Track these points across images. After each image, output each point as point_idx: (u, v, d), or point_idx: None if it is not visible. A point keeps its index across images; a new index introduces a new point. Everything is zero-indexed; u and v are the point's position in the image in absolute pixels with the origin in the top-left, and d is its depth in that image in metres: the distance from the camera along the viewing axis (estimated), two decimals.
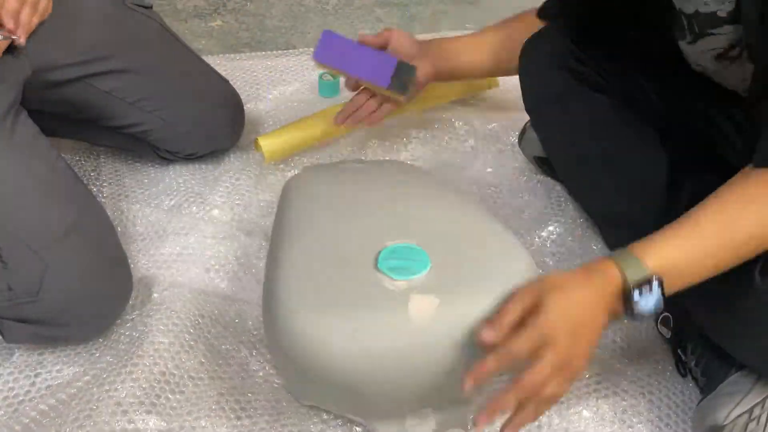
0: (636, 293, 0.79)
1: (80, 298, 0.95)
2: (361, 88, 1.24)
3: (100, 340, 1.02)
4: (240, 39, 1.86)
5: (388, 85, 1.17)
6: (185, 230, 1.18)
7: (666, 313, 1.04)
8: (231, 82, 1.35)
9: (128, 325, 1.04)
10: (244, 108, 1.36)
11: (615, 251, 0.82)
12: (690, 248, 0.81)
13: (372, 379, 0.82)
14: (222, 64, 1.60)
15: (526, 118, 1.28)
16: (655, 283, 0.79)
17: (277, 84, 1.57)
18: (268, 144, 1.29)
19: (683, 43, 0.98)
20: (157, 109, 1.22)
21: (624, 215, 1.07)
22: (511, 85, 1.30)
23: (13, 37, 1.00)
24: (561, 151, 1.13)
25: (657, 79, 1.09)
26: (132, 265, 1.08)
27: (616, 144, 1.04)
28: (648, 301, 0.79)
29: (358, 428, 0.93)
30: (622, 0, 1.03)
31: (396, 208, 0.97)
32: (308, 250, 0.90)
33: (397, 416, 0.89)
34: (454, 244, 0.90)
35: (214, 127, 1.30)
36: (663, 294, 0.79)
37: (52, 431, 0.88)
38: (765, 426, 0.89)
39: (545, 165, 1.31)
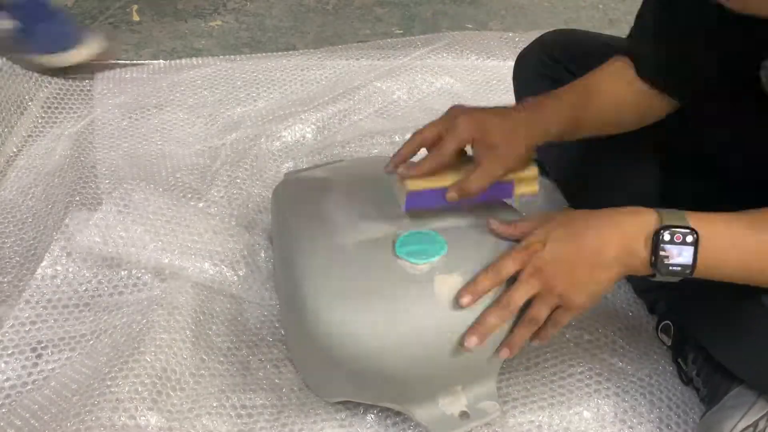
0: (667, 234, 0.72)
1: None
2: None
3: (92, 320, 1.02)
4: (240, 39, 1.86)
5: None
6: (186, 223, 1.17)
7: (667, 321, 1.04)
8: (231, 82, 1.34)
9: (125, 310, 1.03)
10: (244, 109, 1.34)
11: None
12: (738, 231, 0.74)
13: (405, 362, 0.84)
14: (222, 64, 1.60)
15: None
16: (690, 237, 0.72)
17: (278, 84, 1.57)
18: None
19: None
20: None
21: None
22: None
23: None
24: (551, 154, 1.13)
25: None
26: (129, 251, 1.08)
27: (604, 145, 1.03)
28: (679, 252, 0.72)
29: (359, 428, 0.93)
30: None
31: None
32: (323, 246, 0.92)
33: (429, 397, 0.90)
34: (466, 229, 0.91)
35: None
36: (695, 255, 0.72)
37: (53, 426, 0.87)
38: None
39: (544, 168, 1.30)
